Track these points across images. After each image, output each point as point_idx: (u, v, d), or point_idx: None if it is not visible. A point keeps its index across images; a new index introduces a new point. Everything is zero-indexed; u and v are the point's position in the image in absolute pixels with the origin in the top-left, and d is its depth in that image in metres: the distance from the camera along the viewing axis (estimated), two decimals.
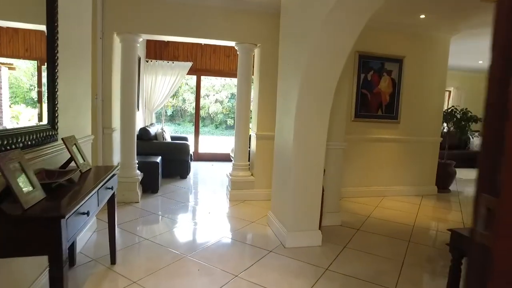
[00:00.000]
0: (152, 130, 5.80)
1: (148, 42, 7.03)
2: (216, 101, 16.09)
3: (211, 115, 16.49)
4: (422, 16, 4.41)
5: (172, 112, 16.49)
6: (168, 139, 6.26)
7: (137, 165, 4.36)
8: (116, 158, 4.32)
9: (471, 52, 6.68)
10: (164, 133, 5.94)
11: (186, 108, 16.38)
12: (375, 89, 4.89)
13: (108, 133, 4.06)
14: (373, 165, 5.08)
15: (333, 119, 3.33)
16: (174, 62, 7.12)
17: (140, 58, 6.05)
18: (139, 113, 6.49)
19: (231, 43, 4.48)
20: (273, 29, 4.33)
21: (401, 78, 4.97)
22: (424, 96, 5.18)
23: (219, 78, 15.02)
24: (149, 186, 4.68)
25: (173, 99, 15.04)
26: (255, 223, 3.72)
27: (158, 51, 7.18)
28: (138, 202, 4.20)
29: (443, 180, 5.58)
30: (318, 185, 3.11)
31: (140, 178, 4.32)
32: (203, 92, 15.77)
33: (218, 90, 16.05)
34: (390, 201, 4.92)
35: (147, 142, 5.44)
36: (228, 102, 15.78)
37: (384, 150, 5.11)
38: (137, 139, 5.46)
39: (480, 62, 7.71)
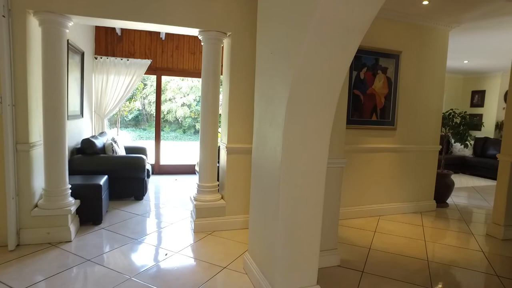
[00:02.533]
0: (100, 142, 4.70)
1: (98, 34, 5.90)
2: (184, 104, 15.03)
3: (179, 119, 15.40)
4: (425, 3, 3.69)
5: (137, 116, 15.24)
6: (122, 151, 5.17)
7: (71, 190, 3.29)
8: (39, 184, 3.21)
9: (459, 50, 6.15)
10: (114, 144, 4.85)
11: (152, 112, 15.17)
12: (368, 89, 4.11)
13: (24, 150, 2.96)
14: (367, 180, 4.30)
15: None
16: (130, 59, 6.04)
17: (83, 53, 4.94)
18: (85, 120, 5.35)
19: (193, 32, 3.52)
20: (248, 13, 3.44)
21: (398, 76, 4.23)
22: (422, 98, 4.48)
23: (185, 79, 13.98)
24: (90, 216, 3.60)
25: (130, 102, 13.72)
26: (228, 268, 2.77)
27: (110, 47, 6.06)
28: (70, 242, 3.12)
29: (441, 193, 4.91)
30: (316, 222, 2.22)
31: (74, 208, 3.24)
32: (169, 95, 14.65)
33: (186, 92, 14.99)
34: (388, 222, 4.15)
35: (91, 157, 4.34)
36: (196, 105, 14.77)
37: (379, 162, 4.34)
38: (78, 154, 4.39)
39: (466, 62, 7.24)
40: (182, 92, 15.25)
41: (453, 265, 3.05)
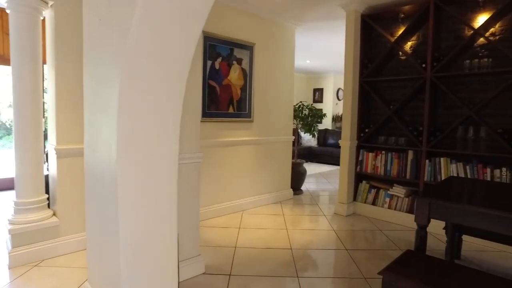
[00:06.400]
0: None
1: None
2: (11, 105, 12.09)
3: (6, 123, 12.33)
4: None
5: None
6: None
7: None
8: None
9: (303, 50, 6.75)
10: None
11: None
12: (224, 80, 3.95)
13: None
14: (228, 176, 4.15)
15: (181, 119, 2.12)
16: None
17: None
18: None
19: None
20: None
21: (252, 68, 4.23)
22: (275, 90, 4.63)
23: (10, 75, 11.25)
24: None
25: None
26: None
27: None
28: None
29: (296, 181, 5.25)
30: (170, 230, 1.82)
31: None
32: None
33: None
34: (252, 216, 4.11)
35: None
36: None
37: (238, 156, 4.25)
38: None
39: (308, 61, 8.10)
40: (7, 91, 12.27)
41: (311, 248, 3.17)
